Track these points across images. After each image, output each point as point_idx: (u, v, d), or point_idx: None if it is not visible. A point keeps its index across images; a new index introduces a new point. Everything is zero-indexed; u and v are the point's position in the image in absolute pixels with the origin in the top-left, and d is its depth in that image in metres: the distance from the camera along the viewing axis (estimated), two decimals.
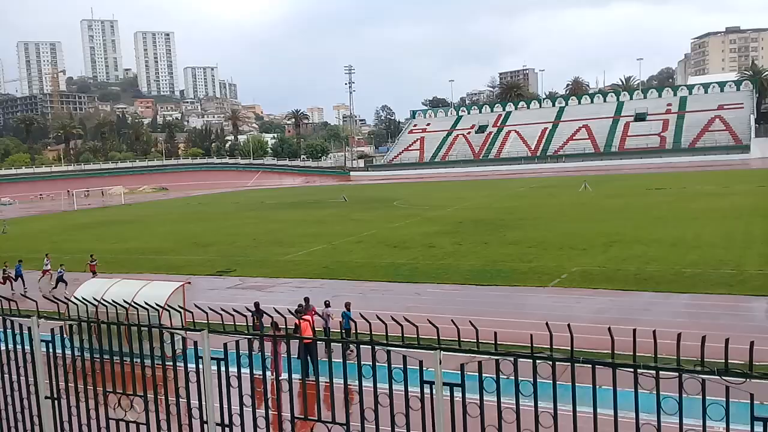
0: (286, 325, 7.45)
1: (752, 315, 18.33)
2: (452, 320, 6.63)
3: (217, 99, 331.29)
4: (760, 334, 15.35)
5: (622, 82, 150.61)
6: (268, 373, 6.80)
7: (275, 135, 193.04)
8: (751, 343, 5.39)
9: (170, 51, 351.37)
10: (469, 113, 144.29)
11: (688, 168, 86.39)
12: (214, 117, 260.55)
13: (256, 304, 16.43)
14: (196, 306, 7.36)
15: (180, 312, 7.73)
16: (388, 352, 6.18)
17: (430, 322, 6.43)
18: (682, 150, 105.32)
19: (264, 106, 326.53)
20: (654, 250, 28.37)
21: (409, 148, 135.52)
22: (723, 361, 5.11)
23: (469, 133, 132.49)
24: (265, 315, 12.67)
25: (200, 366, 6.65)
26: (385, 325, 6.74)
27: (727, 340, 5.26)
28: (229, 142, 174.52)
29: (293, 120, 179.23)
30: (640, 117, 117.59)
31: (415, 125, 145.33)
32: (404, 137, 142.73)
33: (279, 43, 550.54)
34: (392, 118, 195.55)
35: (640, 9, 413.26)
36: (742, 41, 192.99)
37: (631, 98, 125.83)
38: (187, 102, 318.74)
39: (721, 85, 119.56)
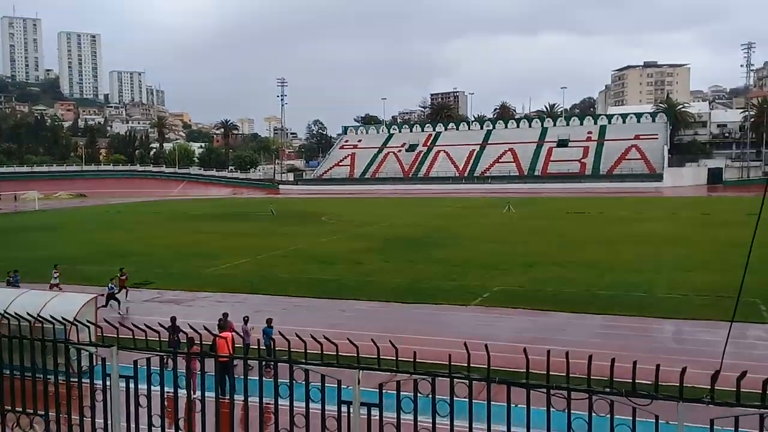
0: (201, 341, 7.22)
1: (661, 337, 19.20)
2: (372, 339, 6.61)
3: (144, 105, 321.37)
4: (667, 355, 16.11)
5: (546, 108, 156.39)
6: (182, 392, 6.56)
7: (203, 144, 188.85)
8: (657, 366, 5.63)
9: (95, 53, 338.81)
10: (400, 132, 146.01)
11: (606, 194, 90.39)
12: (139, 123, 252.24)
13: (173, 319, 15.89)
14: (105, 321, 7.04)
15: (89, 327, 7.36)
16: (306, 372, 6.08)
17: (350, 341, 6.38)
18: (601, 176, 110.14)
19: (193, 114, 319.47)
20: (571, 271, 29.38)
21: (340, 164, 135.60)
22: (631, 381, 5.32)
23: (399, 151, 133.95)
24: (180, 331, 12.25)
25: (107, 383, 6.34)
26: (305, 343, 6.64)
27: (635, 363, 5.48)
28: (154, 150, 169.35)
29: (222, 130, 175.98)
30: (562, 143, 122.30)
31: (346, 141, 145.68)
32: (335, 152, 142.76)
33: (211, 54, 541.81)
34: (324, 132, 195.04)
35: (566, 39, 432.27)
36: (658, 75, 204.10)
37: (554, 125, 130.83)
38: (112, 107, 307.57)
39: (638, 116, 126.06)
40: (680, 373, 5.12)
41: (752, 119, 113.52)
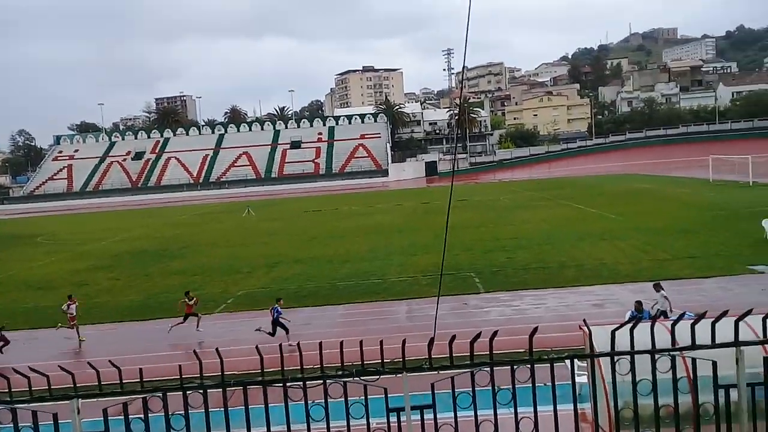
0: None
1: (396, 317, 20.75)
2: (89, 363, 5.94)
3: None
4: (402, 333, 17.37)
5: (277, 111, 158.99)
6: None
7: None
8: (381, 342, 5.96)
9: None
10: (123, 139, 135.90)
11: (340, 191, 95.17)
12: None
13: None
14: None
15: None
16: (13, 411, 5.25)
17: (63, 369, 5.65)
18: (334, 175, 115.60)
19: None
20: (312, 267, 30.28)
21: (55, 178, 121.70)
22: (373, 362, 5.57)
23: (124, 160, 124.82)
24: None
25: None
26: (28, 379, 5.71)
27: (361, 342, 5.74)
28: None
29: None
30: (295, 145, 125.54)
31: (60, 152, 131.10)
32: (48, 165, 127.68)
33: None
34: (32, 144, 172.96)
35: (292, 44, 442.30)
36: (376, 79, 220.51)
37: (286, 127, 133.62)
38: None
39: (362, 117, 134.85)
40: (401, 345, 5.48)
41: (456, 117, 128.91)
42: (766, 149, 74.38)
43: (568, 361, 5.89)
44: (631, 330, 5.85)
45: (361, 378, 5.30)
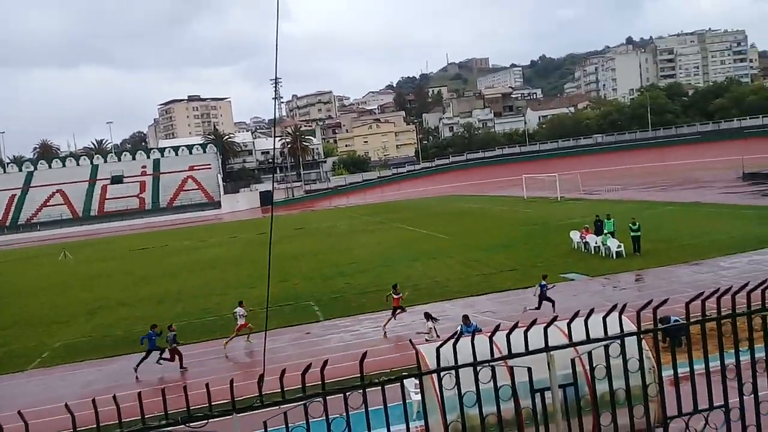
0: None
1: (233, 355, 20.03)
2: None
3: None
4: (239, 371, 16.84)
5: (94, 145, 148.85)
6: None
7: None
8: (206, 385, 5.68)
9: None
10: None
11: (169, 226, 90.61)
12: None
13: None
14: None
15: None
16: None
17: None
18: (161, 209, 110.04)
19: None
20: (140, 310, 28.37)
21: None
22: (201, 406, 5.26)
23: None
24: None
25: None
26: None
27: (185, 388, 5.43)
28: None
29: None
30: (116, 180, 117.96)
31: None
32: None
33: None
34: None
35: (110, 73, 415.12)
36: (203, 108, 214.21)
37: (105, 161, 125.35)
38: None
39: (190, 147, 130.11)
40: (229, 384, 5.27)
41: (289, 145, 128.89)
42: (571, 167, 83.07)
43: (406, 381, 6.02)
44: (454, 345, 6.13)
45: (188, 425, 5.00)
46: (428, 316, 18.48)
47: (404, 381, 5.93)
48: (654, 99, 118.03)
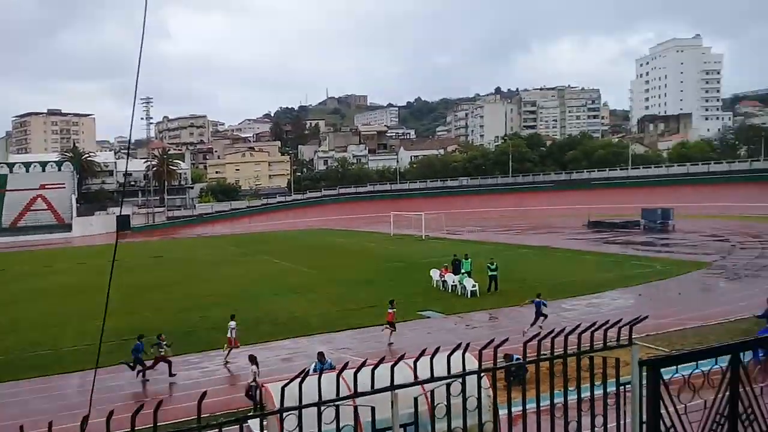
0: None
1: (64, 394, 18.22)
2: None
3: None
4: (68, 412, 15.25)
5: None
6: None
7: None
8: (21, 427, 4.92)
9: None
10: None
11: (9, 248, 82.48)
12: None
13: None
14: None
15: None
16: None
17: None
18: (3, 230, 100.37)
19: None
20: None
21: None
22: None
23: None
24: None
25: None
26: None
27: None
28: None
29: None
30: None
31: None
32: None
33: None
34: None
35: None
36: (64, 124, 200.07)
37: None
38: None
39: (43, 164, 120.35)
40: (48, 428, 4.54)
41: (154, 168, 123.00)
42: (437, 207, 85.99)
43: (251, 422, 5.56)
44: (300, 384, 5.78)
45: None
46: (252, 359, 16.73)
47: (249, 422, 5.47)
48: (516, 147, 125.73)
